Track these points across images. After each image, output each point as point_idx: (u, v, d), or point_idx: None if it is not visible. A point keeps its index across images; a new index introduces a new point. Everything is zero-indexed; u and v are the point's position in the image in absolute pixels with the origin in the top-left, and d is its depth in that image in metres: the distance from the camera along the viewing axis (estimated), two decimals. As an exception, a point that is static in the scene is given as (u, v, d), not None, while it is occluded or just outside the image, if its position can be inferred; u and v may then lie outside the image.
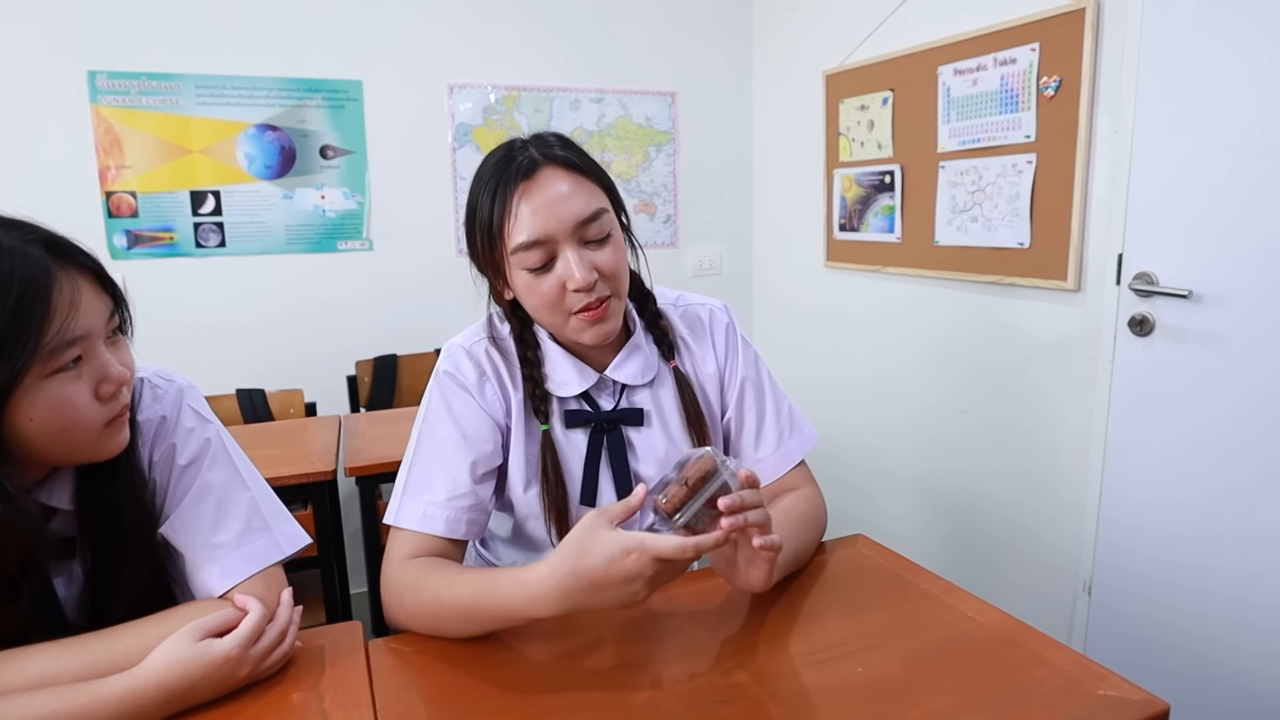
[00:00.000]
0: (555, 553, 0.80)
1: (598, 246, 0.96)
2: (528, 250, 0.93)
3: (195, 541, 0.85)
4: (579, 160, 0.97)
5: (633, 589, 0.77)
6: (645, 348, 1.09)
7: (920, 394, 2.44)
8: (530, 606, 0.80)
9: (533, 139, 0.99)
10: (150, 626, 0.78)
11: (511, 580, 0.82)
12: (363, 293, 2.71)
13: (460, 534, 0.98)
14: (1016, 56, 1.97)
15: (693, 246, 3.13)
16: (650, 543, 0.75)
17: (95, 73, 2.39)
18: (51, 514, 0.82)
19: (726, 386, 1.15)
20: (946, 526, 2.39)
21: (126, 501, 0.83)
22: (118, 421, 0.79)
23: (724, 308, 1.18)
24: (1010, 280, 2.06)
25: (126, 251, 2.47)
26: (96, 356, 0.75)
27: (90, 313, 0.75)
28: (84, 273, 0.76)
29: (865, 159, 2.52)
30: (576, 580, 0.77)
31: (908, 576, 1.01)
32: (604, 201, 0.98)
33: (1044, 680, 0.78)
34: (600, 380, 1.07)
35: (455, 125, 2.77)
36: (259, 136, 2.57)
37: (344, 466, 1.65)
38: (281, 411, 2.18)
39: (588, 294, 0.95)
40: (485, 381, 1.03)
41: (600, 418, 1.06)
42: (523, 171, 0.93)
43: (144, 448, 0.87)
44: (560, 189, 0.93)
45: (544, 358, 1.05)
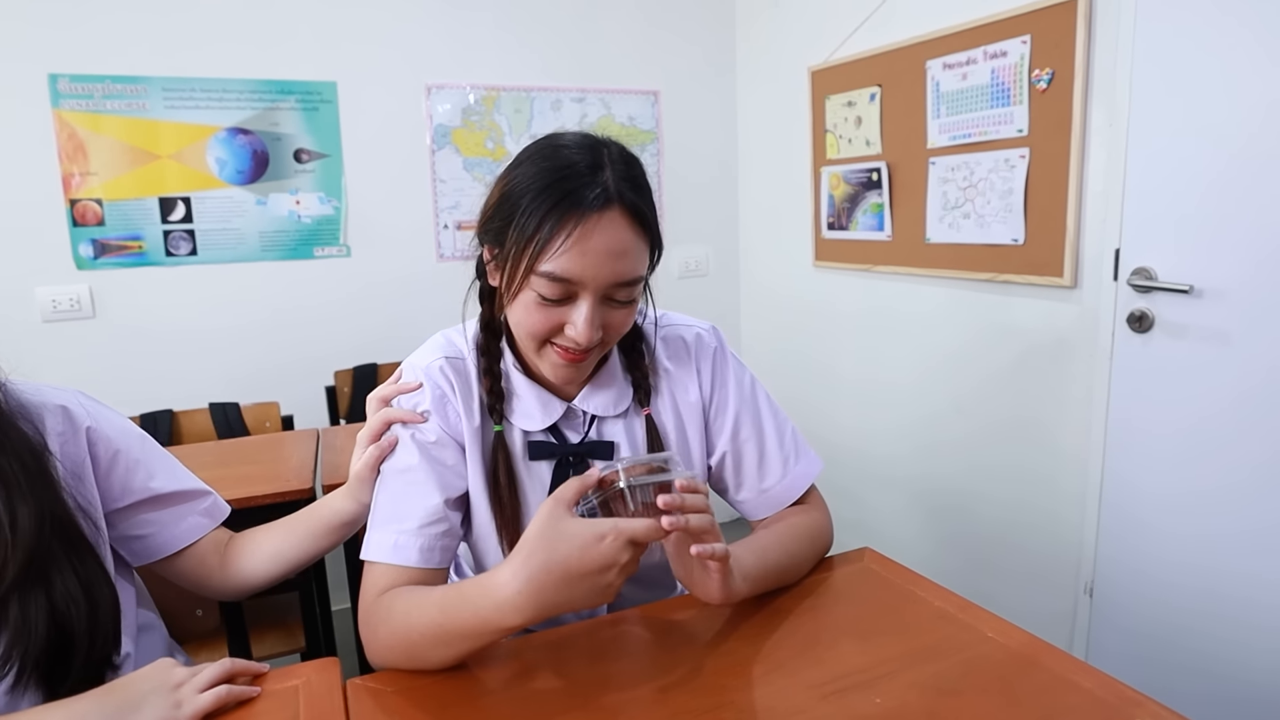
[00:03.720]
0: (517, 549, 0.74)
1: (618, 307, 0.89)
2: (552, 282, 0.85)
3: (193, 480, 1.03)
4: (647, 210, 0.88)
5: (607, 579, 0.73)
6: (619, 378, 1.02)
7: (914, 394, 2.39)
8: (500, 614, 0.74)
9: (609, 158, 0.87)
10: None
11: (478, 588, 0.76)
12: (341, 300, 2.63)
13: (435, 562, 0.91)
14: (1007, 49, 1.93)
15: (679, 248, 3.07)
16: (624, 525, 0.72)
17: (57, 75, 2.30)
18: None
19: (713, 418, 1.07)
20: (944, 529, 2.35)
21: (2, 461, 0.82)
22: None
23: (712, 330, 1.10)
24: (1005, 277, 2.02)
25: (93, 261, 2.39)
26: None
27: None
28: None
29: (853, 156, 2.47)
30: (547, 575, 0.71)
31: (921, 594, 0.96)
32: (645, 266, 0.90)
33: (1077, 707, 0.73)
34: (568, 410, 1.00)
35: (434, 126, 2.70)
36: (230, 140, 2.49)
37: (322, 483, 1.58)
38: (257, 425, 2.10)
39: (584, 345, 0.88)
40: (445, 403, 0.96)
41: (566, 451, 0.99)
42: (594, 205, 0.83)
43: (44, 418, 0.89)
44: (619, 243, 0.85)
45: (511, 393, 0.98)
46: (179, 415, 2.08)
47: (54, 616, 0.80)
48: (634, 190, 0.87)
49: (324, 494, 1.58)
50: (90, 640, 0.82)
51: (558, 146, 0.88)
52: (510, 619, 0.74)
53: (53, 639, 0.80)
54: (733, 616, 0.92)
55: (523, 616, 0.73)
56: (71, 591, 0.82)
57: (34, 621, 0.79)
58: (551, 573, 0.71)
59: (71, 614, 0.81)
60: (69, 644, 0.81)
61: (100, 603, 0.85)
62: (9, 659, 0.78)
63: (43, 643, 0.79)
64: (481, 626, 0.76)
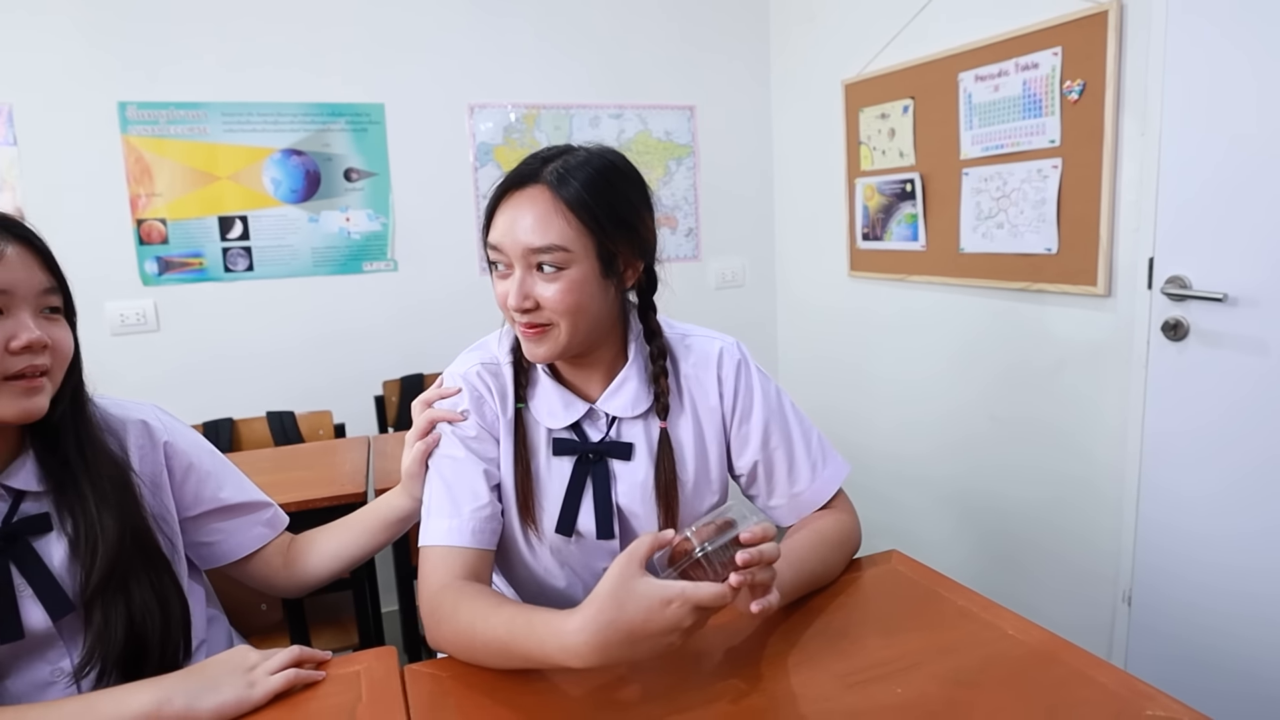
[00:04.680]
0: (589, 603, 0.77)
1: (546, 280, 0.95)
2: (491, 250, 0.98)
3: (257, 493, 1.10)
4: (576, 192, 0.94)
5: (669, 639, 0.75)
6: (638, 380, 1.08)
7: (948, 402, 2.41)
8: (564, 656, 0.78)
9: (571, 152, 0.99)
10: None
11: (547, 626, 0.80)
12: (388, 313, 2.74)
13: (485, 543, 1.00)
14: (1038, 61, 1.95)
15: (715, 259, 3.13)
16: (691, 591, 0.74)
17: (125, 103, 2.44)
18: (21, 496, 0.89)
19: (737, 428, 1.12)
20: (978, 538, 2.36)
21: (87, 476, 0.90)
22: (27, 384, 0.84)
23: (735, 344, 1.14)
24: (1038, 286, 2.04)
25: (158, 277, 2.52)
26: (15, 315, 0.83)
27: (16, 274, 0.83)
28: (20, 245, 0.85)
29: (887, 167, 2.51)
30: (614, 632, 0.75)
31: (945, 593, 1.00)
32: (572, 242, 0.94)
33: (1089, 700, 0.76)
34: (590, 411, 1.07)
35: (476, 145, 2.79)
36: (284, 161, 2.61)
37: (374, 487, 1.66)
38: (311, 433, 2.20)
39: (522, 314, 0.97)
40: (481, 403, 1.06)
41: (586, 449, 1.06)
42: (517, 180, 0.97)
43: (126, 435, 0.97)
44: (532, 213, 0.94)
45: (537, 391, 1.07)
46: (238, 423, 2.19)
47: (131, 624, 0.88)
48: (564, 173, 0.95)
49: (376, 497, 1.67)
50: (162, 649, 0.90)
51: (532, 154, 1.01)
52: (572, 662, 0.78)
53: (130, 644, 0.88)
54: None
55: (584, 663, 0.77)
56: (147, 603, 0.90)
57: (114, 627, 0.87)
58: (618, 630, 0.75)
59: (147, 624, 0.89)
60: (143, 649, 0.89)
61: (172, 615, 0.92)
62: (91, 658, 0.87)
63: (120, 647, 0.88)
64: (543, 659, 0.81)
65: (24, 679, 0.87)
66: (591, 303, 0.97)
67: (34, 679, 0.87)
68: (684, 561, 0.78)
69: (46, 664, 0.88)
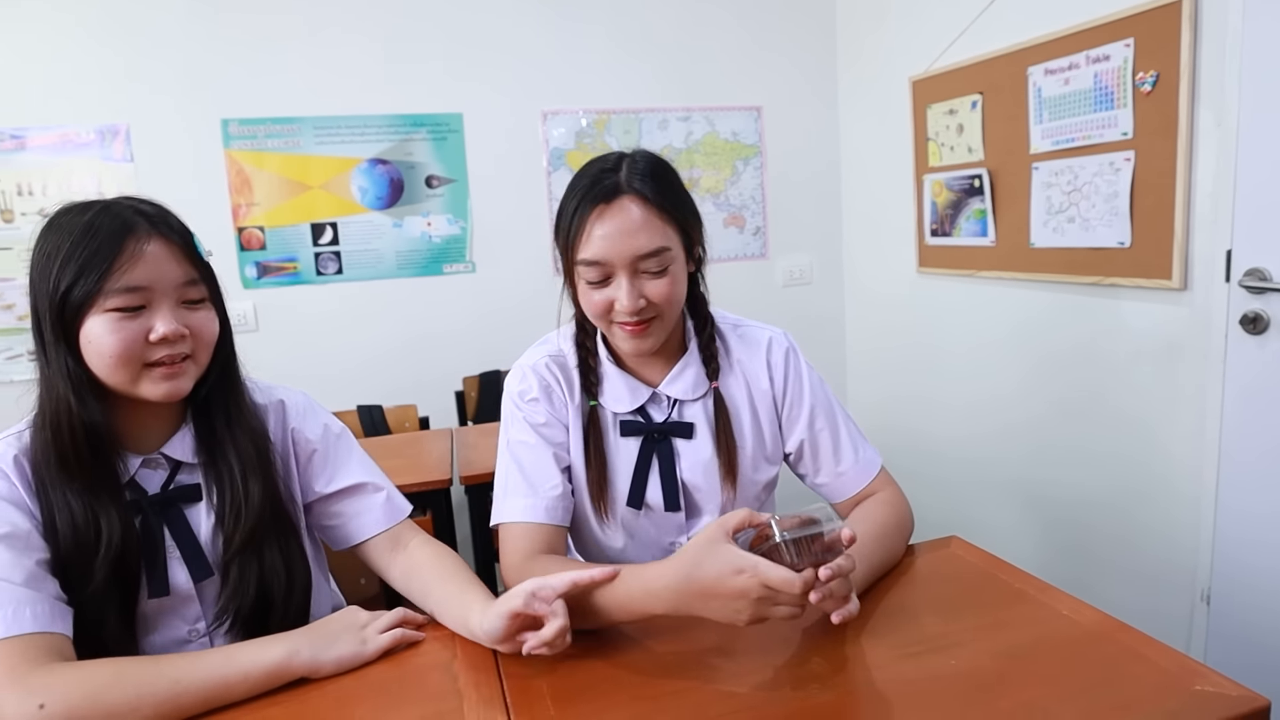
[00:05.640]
0: (675, 556, 0.86)
1: (652, 278, 1.04)
2: (589, 267, 1.03)
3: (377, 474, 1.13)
4: (657, 195, 1.03)
5: (736, 606, 0.81)
6: (697, 365, 1.17)
7: (1019, 398, 2.40)
8: (647, 600, 0.87)
9: (628, 160, 1.05)
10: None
11: (634, 574, 0.89)
12: (466, 312, 2.87)
13: (559, 519, 1.09)
14: (1110, 53, 1.94)
15: (782, 257, 3.16)
16: (763, 568, 0.79)
17: (228, 120, 2.63)
18: (178, 466, 0.99)
19: (788, 410, 1.20)
20: (1051, 537, 2.34)
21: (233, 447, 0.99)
22: (168, 369, 0.92)
23: (784, 334, 1.23)
24: (1111, 281, 2.02)
25: (256, 281, 2.70)
26: (157, 309, 0.90)
27: (158, 269, 0.90)
28: (163, 239, 0.92)
29: (955, 163, 2.51)
30: (689, 584, 0.83)
31: (1002, 576, 1.03)
32: (671, 240, 1.04)
33: (1139, 675, 0.79)
34: (653, 395, 1.15)
35: (549, 150, 2.90)
36: (371, 170, 2.76)
37: (459, 475, 1.77)
38: (398, 425, 2.33)
39: (631, 315, 1.03)
40: (550, 392, 1.14)
41: (651, 429, 1.14)
42: (604, 195, 1.01)
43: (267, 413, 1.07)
44: (630, 222, 1.01)
45: (603, 377, 1.15)
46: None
47: (261, 584, 0.99)
48: (645, 179, 1.03)
49: (461, 485, 1.78)
50: (284, 611, 1.00)
51: (591, 163, 1.08)
52: (652, 607, 0.87)
53: (258, 603, 0.98)
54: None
55: (662, 608, 0.86)
56: (276, 566, 1.00)
57: (248, 584, 0.98)
58: (692, 583, 0.83)
59: (274, 585, 0.99)
60: (269, 609, 0.99)
61: (296, 580, 1.02)
62: (225, 611, 0.98)
63: (250, 604, 0.98)
64: (629, 605, 0.89)
65: (165, 634, 0.99)
66: (684, 290, 1.08)
67: (174, 635, 0.99)
68: (763, 546, 0.83)
69: (185, 623, 1.00)
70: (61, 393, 0.89)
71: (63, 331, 0.89)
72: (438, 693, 0.86)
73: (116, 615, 0.92)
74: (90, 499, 0.90)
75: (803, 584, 0.78)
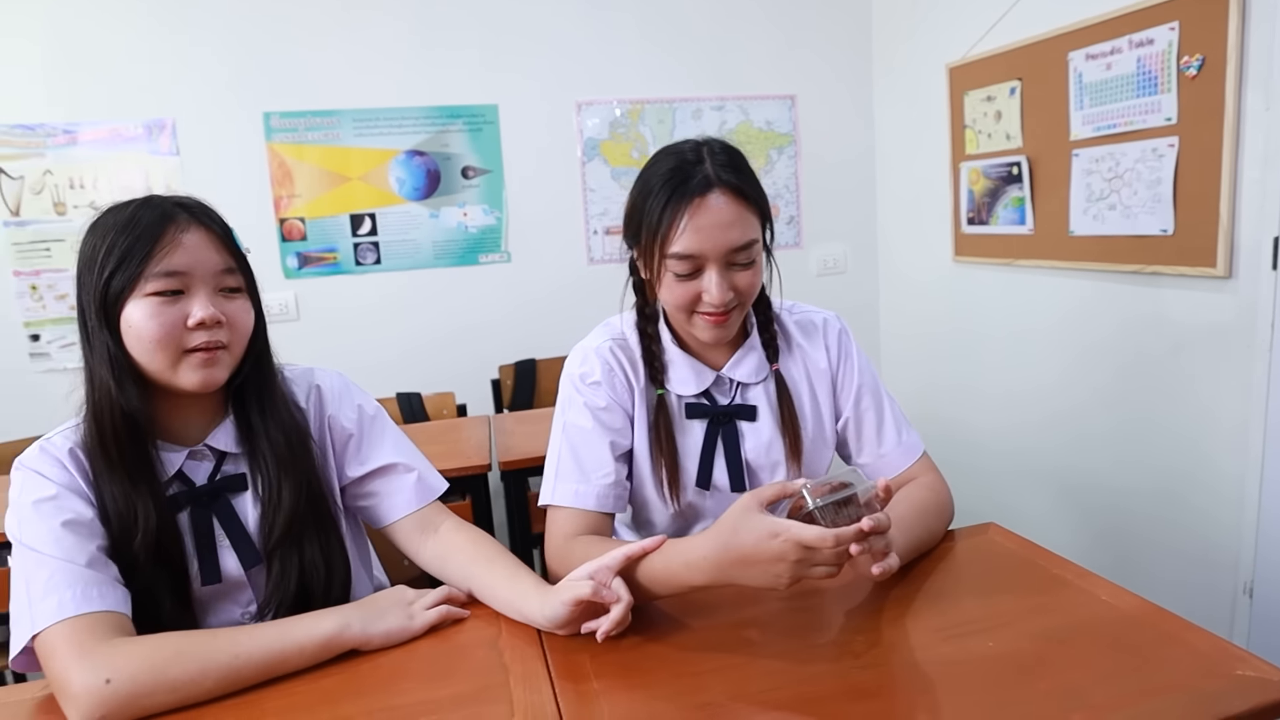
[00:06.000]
0: (712, 527, 0.89)
1: (741, 269, 1.06)
2: (680, 260, 1.04)
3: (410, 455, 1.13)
4: (747, 187, 1.05)
5: (776, 570, 0.83)
6: (758, 349, 1.19)
7: (1057, 388, 2.37)
8: (687, 572, 0.89)
9: (709, 152, 1.06)
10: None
11: (674, 549, 0.92)
12: (502, 301, 2.90)
13: (608, 508, 1.11)
14: (1154, 37, 1.90)
15: (816, 246, 3.15)
16: (797, 529, 0.81)
17: (270, 113, 2.68)
18: (223, 457, 1.02)
19: (840, 388, 1.22)
20: (1090, 524, 2.31)
21: (268, 439, 1.01)
22: (205, 357, 0.93)
23: (836, 316, 1.26)
24: (1153, 269, 1.99)
25: (297, 271, 2.76)
26: (195, 295, 0.93)
27: (196, 256, 0.93)
28: (202, 228, 0.95)
29: (993, 150, 2.48)
30: (727, 553, 0.85)
31: (1040, 562, 1.04)
32: (758, 231, 1.06)
33: (1179, 659, 0.80)
34: (717, 378, 1.17)
35: (584, 140, 2.92)
36: (408, 162, 2.80)
37: (497, 461, 1.81)
38: (436, 412, 2.38)
39: (719, 307, 1.05)
40: (613, 375, 1.15)
41: (716, 411, 1.17)
42: (697, 190, 1.02)
43: (305, 402, 1.09)
44: (724, 216, 1.02)
45: (668, 362, 1.16)
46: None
47: (301, 578, 1.01)
48: (731, 172, 1.04)
49: (500, 470, 1.81)
50: (327, 589, 1.03)
51: (667, 154, 1.08)
52: (693, 578, 0.89)
53: (299, 595, 1.01)
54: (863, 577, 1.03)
55: (704, 578, 0.88)
56: (315, 561, 1.02)
57: (289, 578, 1.01)
58: (731, 552, 0.85)
59: (314, 579, 1.02)
60: (308, 602, 1.00)
61: (335, 574, 1.05)
62: (269, 603, 1.01)
63: (292, 598, 1.01)
64: (669, 579, 0.92)
65: (220, 617, 1.02)
66: (761, 282, 1.11)
67: (228, 618, 1.03)
68: (799, 514, 0.86)
69: (238, 606, 1.04)
70: (103, 379, 0.92)
71: (105, 318, 0.92)
72: (484, 667, 0.89)
73: (171, 600, 0.95)
74: (129, 488, 0.93)
75: (836, 539, 0.80)
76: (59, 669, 0.82)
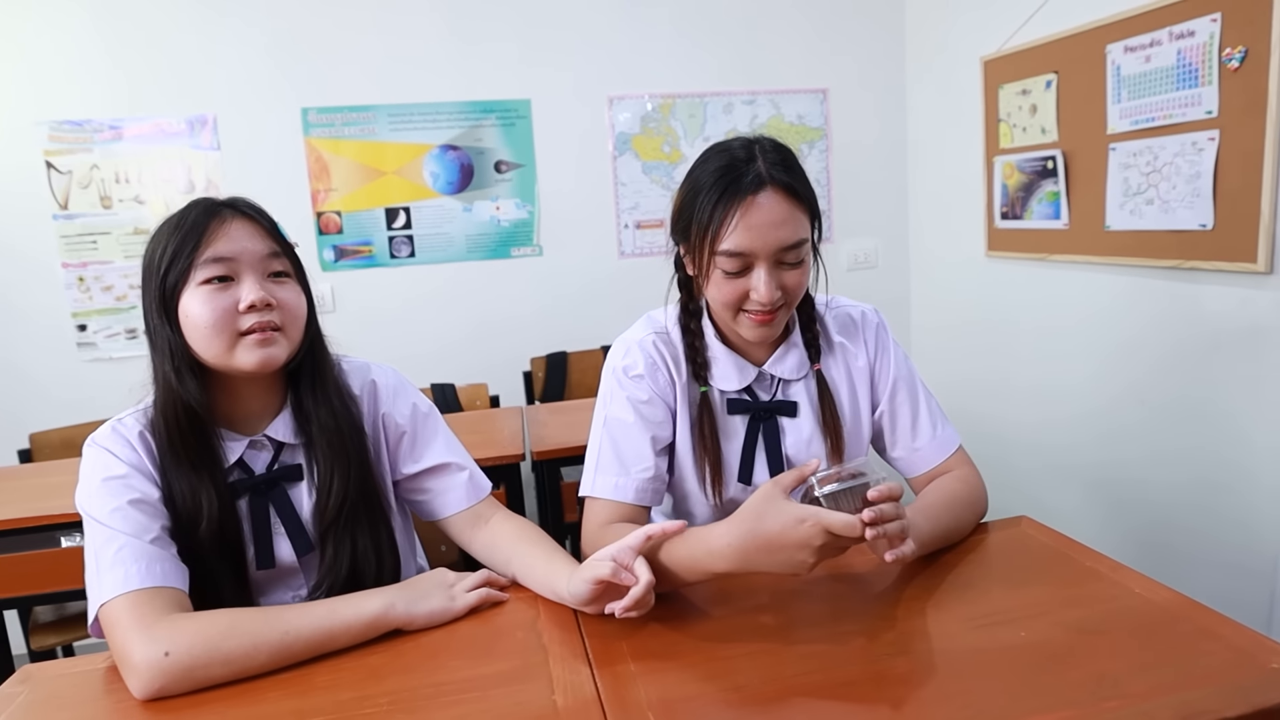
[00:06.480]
0: (735, 515, 0.90)
1: (790, 268, 1.06)
2: (730, 258, 1.04)
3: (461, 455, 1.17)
4: (798, 186, 1.05)
5: (800, 556, 0.85)
6: (800, 346, 1.20)
7: (1092, 384, 2.35)
8: (711, 560, 0.91)
9: (760, 150, 1.06)
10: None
11: (697, 536, 0.93)
12: (534, 294, 2.94)
13: (646, 501, 1.13)
14: (1195, 29, 1.88)
15: (847, 241, 3.15)
16: (823, 516, 0.83)
17: (308, 109, 2.74)
18: (281, 447, 1.06)
19: (878, 381, 1.23)
20: (1125, 523, 2.29)
21: (321, 429, 1.05)
22: (261, 337, 0.97)
23: (874, 310, 1.27)
24: (1191, 264, 1.96)
25: (334, 264, 2.81)
26: (244, 280, 0.98)
27: (242, 243, 0.98)
28: (245, 218, 1.00)
29: (1027, 145, 2.46)
30: (753, 539, 0.87)
31: (1073, 555, 1.04)
32: (808, 230, 1.07)
33: (1213, 652, 0.80)
34: (759, 374, 1.18)
35: (615, 135, 2.94)
36: (442, 156, 2.84)
37: (531, 451, 1.84)
38: (469, 403, 2.41)
39: (766, 306, 1.05)
40: (655, 368, 1.16)
41: (758, 407, 1.17)
42: (750, 188, 1.02)
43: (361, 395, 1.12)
44: (776, 214, 1.03)
45: (711, 360, 1.17)
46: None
47: (353, 563, 1.05)
48: (784, 170, 1.04)
49: (532, 460, 1.84)
50: (378, 576, 1.07)
51: (718, 151, 1.09)
52: (717, 565, 0.91)
53: (350, 577, 1.05)
54: (895, 565, 1.04)
55: (728, 565, 0.90)
56: (366, 550, 1.06)
57: (340, 564, 1.05)
58: (756, 538, 0.87)
59: (364, 567, 1.06)
60: (359, 586, 1.04)
61: (385, 563, 1.09)
62: (319, 586, 1.05)
63: (343, 582, 1.05)
64: (693, 567, 0.93)
65: (271, 600, 1.07)
66: (808, 282, 1.11)
67: (280, 601, 1.07)
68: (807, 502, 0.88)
69: (290, 590, 1.08)
70: (166, 374, 0.98)
71: (165, 313, 0.97)
72: (524, 647, 0.91)
73: (228, 582, 1.00)
74: (194, 477, 0.98)
75: (862, 527, 0.82)
76: (121, 640, 0.86)
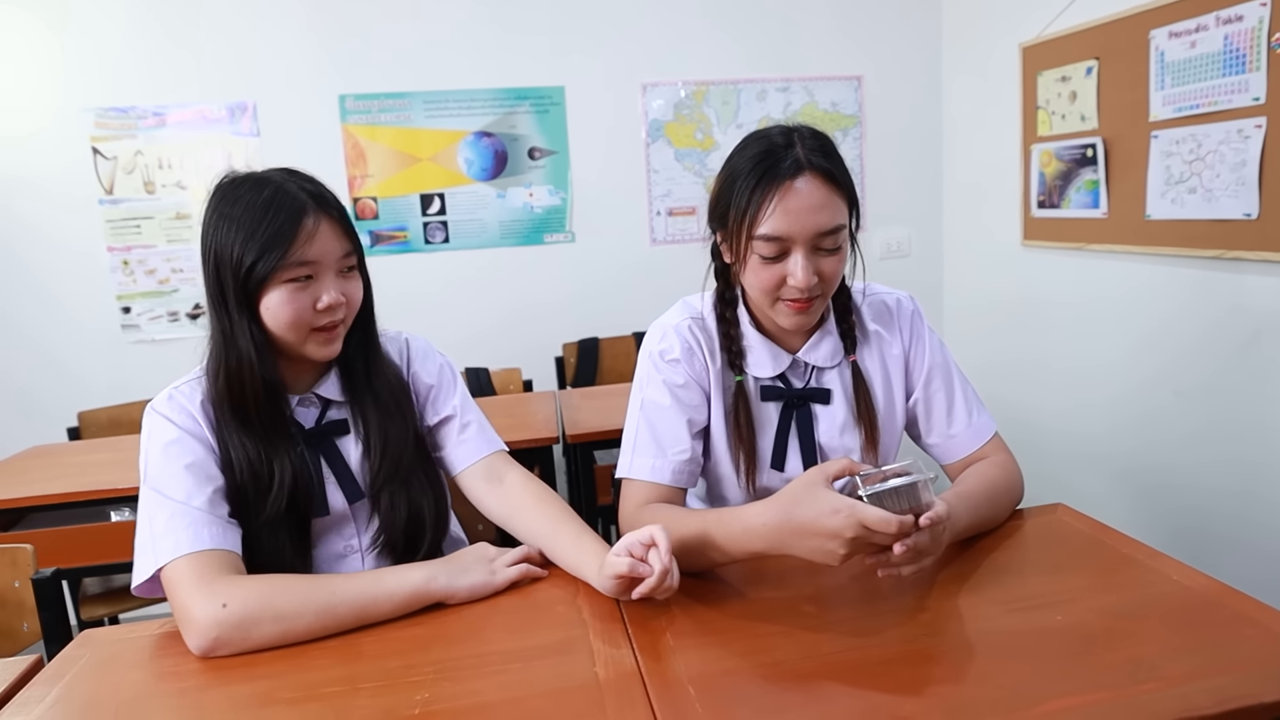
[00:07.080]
0: (775, 495, 0.92)
1: (827, 255, 1.06)
2: (767, 242, 1.04)
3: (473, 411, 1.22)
4: (837, 172, 1.05)
5: (831, 545, 0.86)
6: (834, 334, 1.20)
7: (1129, 376, 2.33)
8: (747, 538, 0.93)
9: (799, 137, 1.06)
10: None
11: (735, 514, 0.96)
12: (566, 280, 2.96)
13: (682, 483, 1.15)
14: (1243, 13, 1.84)
15: (880, 229, 3.13)
16: (859, 509, 0.84)
17: (345, 96, 2.77)
18: (329, 404, 1.13)
19: (912, 369, 1.23)
20: (1160, 517, 2.27)
21: (372, 394, 1.12)
22: (326, 334, 1.05)
23: (909, 297, 1.26)
24: (1234, 254, 1.93)
25: (370, 249, 2.85)
26: (323, 280, 1.03)
27: (325, 246, 1.02)
28: (329, 218, 1.04)
29: (1066, 132, 2.43)
30: (788, 522, 0.89)
31: (1109, 542, 1.04)
32: (845, 217, 1.07)
33: (1250, 638, 0.80)
34: (793, 361, 1.19)
35: (648, 122, 2.94)
36: (476, 143, 2.87)
37: (565, 434, 1.86)
38: (503, 388, 2.45)
39: (803, 292, 1.05)
40: (691, 353, 1.18)
41: (791, 394, 1.18)
42: (788, 173, 1.02)
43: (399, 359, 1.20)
44: (814, 199, 1.02)
45: (746, 347, 1.18)
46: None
47: (410, 507, 1.12)
48: (822, 157, 1.05)
49: (565, 443, 1.86)
50: (435, 523, 1.15)
51: (757, 138, 1.09)
52: (753, 544, 0.93)
53: (409, 523, 1.12)
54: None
55: (763, 544, 0.92)
56: (422, 488, 1.14)
57: (398, 510, 1.11)
58: (791, 522, 0.88)
59: (423, 504, 1.13)
60: (420, 527, 1.12)
61: (440, 496, 1.17)
62: (378, 536, 1.12)
63: (402, 525, 1.12)
64: (728, 545, 0.95)
65: (327, 548, 1.13)
66: (844, 269, 1.11)
67: (333, 550, 1.13)
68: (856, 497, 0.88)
69: (342, 539, 1.14)
70: (246, 351, 1.02)
71: (246, 301, 1.02)
72: (565, 621, 0.94)
73: (291, 535, 1.06)
74: (265, 444, 1.05)
75: (899, 525, 0.83)
76: (184, 597, 0.92)
